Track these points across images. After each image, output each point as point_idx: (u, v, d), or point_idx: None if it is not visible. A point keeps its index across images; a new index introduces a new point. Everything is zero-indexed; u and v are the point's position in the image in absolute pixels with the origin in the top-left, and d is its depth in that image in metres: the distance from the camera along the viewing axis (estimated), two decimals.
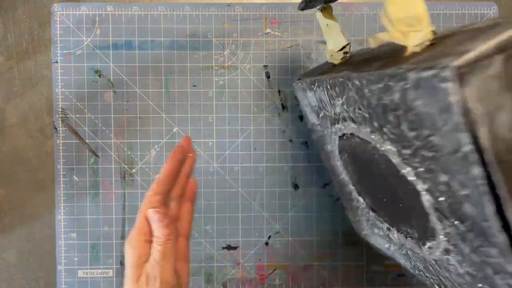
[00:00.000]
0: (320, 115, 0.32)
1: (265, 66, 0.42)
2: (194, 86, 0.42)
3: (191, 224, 0.34)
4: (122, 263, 0.42)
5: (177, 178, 0.33)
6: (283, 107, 0.42)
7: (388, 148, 0.23)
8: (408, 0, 0.21)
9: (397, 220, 0.27)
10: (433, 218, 0.22)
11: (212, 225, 0.42)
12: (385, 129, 0.22)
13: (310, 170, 0.42)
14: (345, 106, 0.26)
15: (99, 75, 0.42)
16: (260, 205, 0.42)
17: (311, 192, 0.43)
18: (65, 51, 0.41)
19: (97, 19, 0.41)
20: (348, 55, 0.31)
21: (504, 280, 0.18)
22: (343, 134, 0.29)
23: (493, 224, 0.17)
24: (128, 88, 0.42)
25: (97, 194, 0.42)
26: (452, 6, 0.42)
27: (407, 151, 0.21)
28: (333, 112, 0.29)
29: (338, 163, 0.33)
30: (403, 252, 0.28)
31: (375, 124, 0.23)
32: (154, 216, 0.30)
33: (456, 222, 0.20)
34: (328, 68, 0.31)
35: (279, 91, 0.42)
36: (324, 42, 0.42)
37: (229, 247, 0.42)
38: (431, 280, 0.27)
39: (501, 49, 0.16)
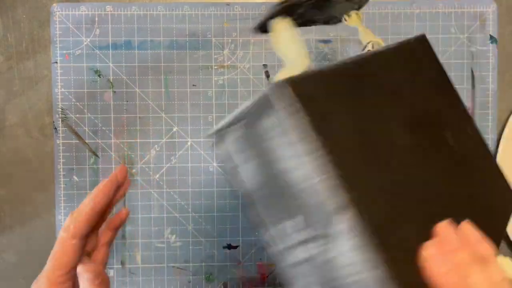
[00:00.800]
0: None
1: (265, 65, 0.42)
2: (194, 85, 0.42)
3: (108, 250, 0.31)
4: (123, 263, 0.42)
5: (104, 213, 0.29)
6: None
7: None
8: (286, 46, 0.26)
9: None
10: None
11: (212, 224, 0.42)
12: None
13: None
14: None
15: (99, 75, 0.42)
16: None
17: None
18: (64, 51, 0.41)
19: (96, 19, 0.41)
20: None
21: None
22: None
23: None
24: (127, 88, 0.42)
25: None
26: (451, 5, 0.42)
27: None
28: None
29: None
30: None
31: None
32: (85, 275, 0.28)
33: None
34: None
35: None
36: (325, 42, 0.43)
37: (229, 247, 0.42)
38: None
39: (239, 119, 0.21)
